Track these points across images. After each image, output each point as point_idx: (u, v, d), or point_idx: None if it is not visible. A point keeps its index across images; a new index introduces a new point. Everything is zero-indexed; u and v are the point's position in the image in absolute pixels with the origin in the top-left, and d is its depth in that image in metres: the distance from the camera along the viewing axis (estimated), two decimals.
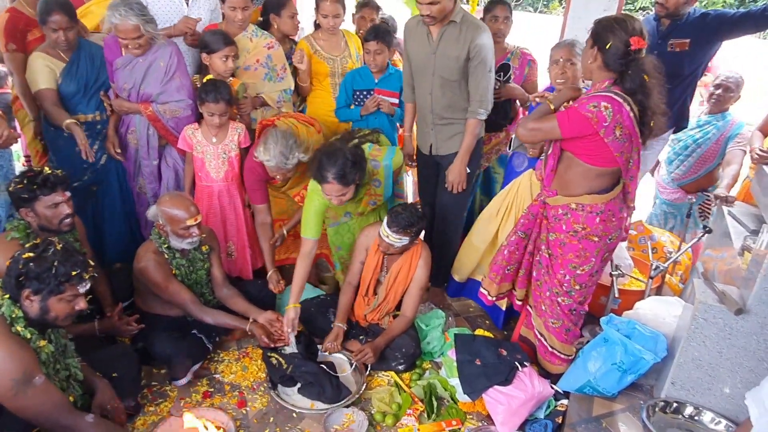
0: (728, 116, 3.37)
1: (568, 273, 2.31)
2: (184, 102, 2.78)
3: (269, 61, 3.00)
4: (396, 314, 2.75)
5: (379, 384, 2.56)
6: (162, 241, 2.46)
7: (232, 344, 2.74)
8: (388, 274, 2.72)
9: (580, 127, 2.07)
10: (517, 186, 2.88)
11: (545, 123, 2.17)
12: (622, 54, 2.03)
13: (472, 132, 2.76)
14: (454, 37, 2.62)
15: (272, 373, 2.46)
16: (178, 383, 2.45)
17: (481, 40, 2.59)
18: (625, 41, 2.01)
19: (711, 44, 3.09)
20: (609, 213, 2.21)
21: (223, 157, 2.81)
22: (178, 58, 2.75)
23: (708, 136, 3.38)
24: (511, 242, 2.50)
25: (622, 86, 2.07)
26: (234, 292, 2.66)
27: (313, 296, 2.96)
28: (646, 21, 3.28)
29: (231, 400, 2.41)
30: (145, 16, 2.60)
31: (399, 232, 2.49)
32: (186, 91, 2.78)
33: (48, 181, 2.16)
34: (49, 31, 2.59)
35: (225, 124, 2.78)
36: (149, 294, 2.51)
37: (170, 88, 2.75)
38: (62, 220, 2.21)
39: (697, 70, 3.17)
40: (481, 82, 2.66)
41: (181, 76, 2.77)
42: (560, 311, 2.38)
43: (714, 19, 3.00)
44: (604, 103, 2.02)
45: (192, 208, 2.41)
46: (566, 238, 2.27)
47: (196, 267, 2.56)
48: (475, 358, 2.48)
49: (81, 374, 1.93)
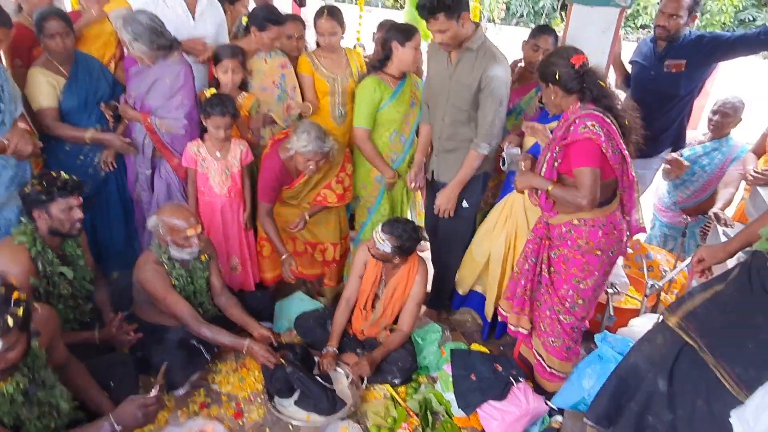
0: (731, 140, 3.37)
1: (571, 288, 2.32)
2: (180, 121, 2.76)
3: (282, 81, 3.00)
4: (393, 328, 2.78)
5: (374, 397, 2.57)
6: (162, 251, 2.48)
7: (229, 355, 2.75)
8: (385, 288, 2.74)
9: (594, 150, 2.10)
10: (511, 202, 2.87)
11: (588, 180, 2.10)
12: (573, 75, 2.14)
13: (470, 164, 2.69)
14: (469, 65, 2.56)
15: (269, 383, 2.47)
16: (175, 393, 2.46)
17: (494, 71, 2.51)
18: (569, 64, 2.13)
19: (707, 66, 3.14)
20: (610, 226, 2.24)
21: (227, 172, 2.84)
22: (185, 78, 2.74)
23: (715, 162, 3.38)
24: (524, 271, 2.46)
25: (589, 99, 2.16)
26: (233, 302, 2.68)
27: (312, 308, 2.98)
28: (643, 43, 3.34)
29: (228, 411, 2.43)
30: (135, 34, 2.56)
31: (386, 234, 2.53)
32: (185, 110, 2.76)
33: (67, 185, 2.24)
34: (47, 38, 2.59)
35: (228, 139, 2.82)
36: (148, 303, 2.53)
37: (170, 105, 2.74)
38: (74, 223, 2.27)
39: (693, 90, 3.23)
40: (488, 115, 2.58)
41: (185, 95, 2.76)
42: (561, 330, 2.39)
43: (710, 41, 3.06)
44: (590, 122, 2.09)
45: (192, 218, 2.44)
46: (570, 253, 2.29)
47: (196, 277, 2.58)
48: (471, 372, 2.49)
49: (66, 405, 1.85)
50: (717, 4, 15.16)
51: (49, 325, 1.91)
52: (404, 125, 2.99)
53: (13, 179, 2.42)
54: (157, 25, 2.60)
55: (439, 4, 2.35)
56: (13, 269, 2.14)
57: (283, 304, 3.09)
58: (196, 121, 2.83)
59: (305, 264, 3.14)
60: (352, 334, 2.82)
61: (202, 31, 3.00)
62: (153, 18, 2.60)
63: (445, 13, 2.38)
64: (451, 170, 2.78)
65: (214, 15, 3.07)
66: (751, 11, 16.34)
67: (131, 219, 3.10)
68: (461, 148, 2.74)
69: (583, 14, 3.11)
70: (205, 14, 3.02)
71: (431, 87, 2.79)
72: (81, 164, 2.82)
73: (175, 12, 2.94)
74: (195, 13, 2.99)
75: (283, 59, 3.01)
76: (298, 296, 3.19)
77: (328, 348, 2.66)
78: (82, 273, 2.43)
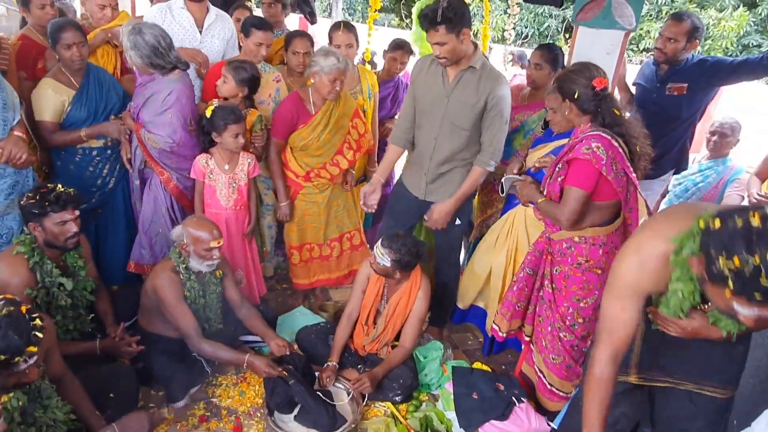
0: (728, 161, 3.43)
1: (571, 306, 2.33)
2: (162, 139, 2.70)
3: (277, 94, 3.06)
4: (395, 344, 2.77)
5: (375, 414, 2.56)
6: (181, 260, 2.49)
7: (230, 368, 2.74)
8: (387, 304, 2.74)
9: (589, 173, 2.13)
10: (513, 217, 2.89)
11: (572, 200, 2.17)
12: (591, 97, 2.15)
13: (476, 179, 2.68)
14: (472, 85, 2.54)
15: (270, 397, 2.45)
16: (175, 405, 2.45)
17: (501, 91, 2.53)
18: (590, 86, 2.14)
19: (708, 89, 3.18)
20: (612, 245, 2.25)
21: (234, 185, 2.86)
22: (178, 98, 2.67)
23: (708, 180, 3.45)
24: (519, 278, 2.55)
25: (599, 123, 2.18)
26: (253, 313, 2.71)
27: (313, 323, 2.97)
28: (646, 65, 3.38)
29: (227, 425, 2.41)
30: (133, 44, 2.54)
31: (385, 248, 2.54)
32: (171, 129, 2.70)
33: (60, 199, 2.21)
34: (63, 49, 2.61)
35: (238, 152, 2.84)
36: (154, 312, 2.54)
37: (158, 121, 2.69)
38: (68, 238, 2.25)
39: (696, 113, 3.25)
40: (497, 134, 2.59)
41: (175, 115, 2.68)
42: (561, 347, 2.39)
43: (712, 65, 3.10)
44: (595, 144, 2.10)
45: (215, 231, 2.47)
46: (570, 270, 2.30)
47: (208, 291, 2.59)
48: (472, 391, 2.48)
49: (62, 415, 1.85)
50: (718, 30, 15.33)
51: (46, 336, 1.90)
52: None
53: (13, 187, 2.38)
54: (162, 46, 2.57)
55: (442, 16, 2.34)
56: (11, 280, 2.15)
57: (285, 319, 3.09)
58: (187, 141, 2.76)
59: (331, 268, 3.24)
60: (353, 349, 2.81)
61: (209, 45, 3.04)
62: (160, 37, 2.56)
63: (446, 26, 2.36)
64: (444, 189, 2.75)
65: (222, 30, 3.11)
66: (754, 36, 16.49)
67: (134, 231, 3.08)
68: (456, 168, 2.71)
69: (588, 36, 3.16)
70: (213, 29, 3.07)
71: (421, 106, 2.70)
72: (90, 175, 2.84)
73: (182, 25, 2.99)
74: (202, 27, 3.03)
75: (277, 74, 3.07)
76: (300, 311, 3.20)
77: (328, 363, 2.66)
78: (82, 284, 2.43)
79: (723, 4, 16.34)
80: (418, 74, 2.71)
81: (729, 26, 15.42)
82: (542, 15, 19.87)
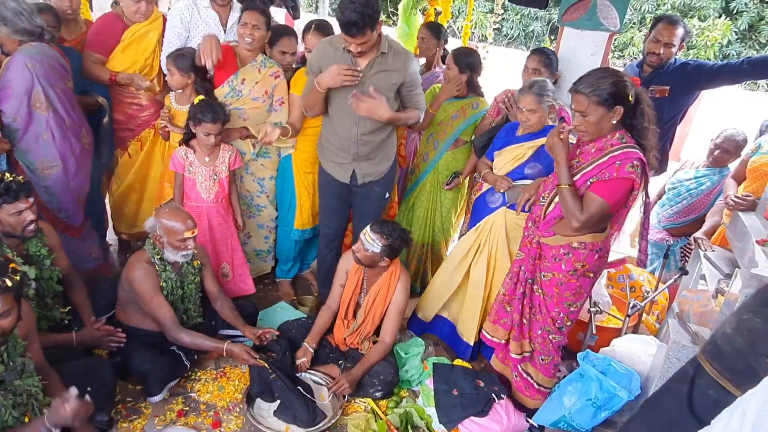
0: (725, 172, 3.41)
1: (562, 311, 2.32)
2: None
3: (273, 91, 2.98)
4: (375, 340, 2.76)
5: (355, 410, 2.55)
6: (156, 251, 2.47)
7: (209, 363, 2.72)
8: (367, 295, 2.73)
9: (625, 191, 2.10)
10: (491, 223, 2.83)
11: (595, 208, 2.11)
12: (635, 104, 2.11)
13: (410, 116, 2.73)
14: (387, 68, 2.60)
15: (254, 383, 2.45)
16: (153, 400, 2.42)
17: (413, 66, 2.69)
18: (636, 92, 2.10)
19: (690, 92, 3.23)
20: (605, 250, 2.27)
21: (214, 178, 2.84)
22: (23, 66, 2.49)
23: (701, 188, 3.44)
24: (519, 295, 2.43)
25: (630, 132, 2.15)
26: (228, 305, 2.71)
27: (293, 318, 2.96)
28: (629, 67, 3.43)
29: (206, 420, 2.39)
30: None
31: (375, 233, 2.53)
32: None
33: (11, 189, 2.14)
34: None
35: (218, 145, 2.81)
36: (131, 305, 2.51)
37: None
38: (26, 226, 2.20)
39: (676, 116, 3.31)
40: (420, 102, 2.77)
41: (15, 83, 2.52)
42: (551, 348, 2.40)
43: (694, 69, 3.15)
44: (637, 161, 2.07)
45: (189, 221, 2.44)
46: (565, 277, 2.26)
47: (186, 281, 2.57)
48: (453, 387, 2.49)
49: (42, 395, 1.83)
50: (702, 40, 15.54)
51: (26, 318, 1.86)
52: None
53: None
54: (23, 9, 2.47)
55: (370, 20, 2.36)
56: None
57: (266, 314, 3.08)
58: (31, 120, 2.54)
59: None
60: (334, 345, 2.80)
61: (233, 40, 3.02)
62: (21, 1, 2.47)
63: (370, 27, 2.39)
64: (377, 167, 2.85)
65: None
66: (735, 46, 16.76)
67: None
68: (380, 148, 2.80)
69: (573, 37, 3.18)
70: (236, 26, 2.99)
71: (334, 93, 2.65)
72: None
73: (207, 23, 3.01)
74: (226, 25, 3.06)
75: (277, 69, 3.00)
76: (281, 306, 3.19)
77: (305, 343, 2.66)
78: (48, 273, 2.36)
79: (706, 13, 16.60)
80: (325, 60, 2.59)
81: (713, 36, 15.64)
82: (528, 17, 20.05)
